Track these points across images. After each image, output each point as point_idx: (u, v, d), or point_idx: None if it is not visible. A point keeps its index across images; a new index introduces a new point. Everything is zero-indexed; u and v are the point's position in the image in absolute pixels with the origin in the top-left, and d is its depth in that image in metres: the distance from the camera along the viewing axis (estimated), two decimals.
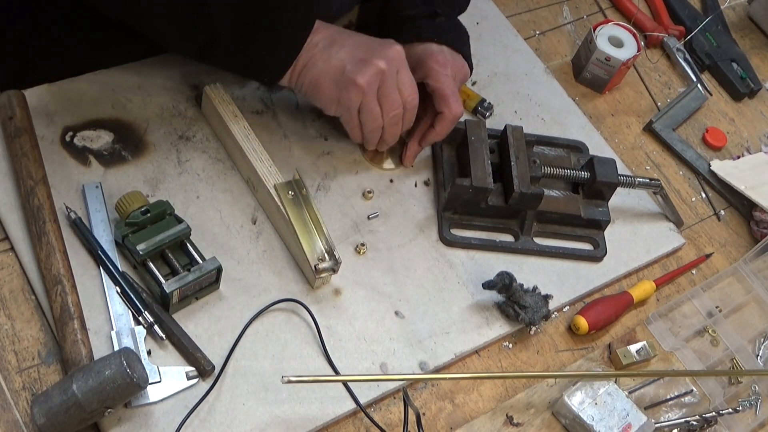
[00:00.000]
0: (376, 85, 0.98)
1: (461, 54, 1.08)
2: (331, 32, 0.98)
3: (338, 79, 0.97)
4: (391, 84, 0.98)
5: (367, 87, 0.97)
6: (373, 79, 0.97)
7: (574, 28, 1.40)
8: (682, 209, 1.20)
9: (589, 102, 1.30)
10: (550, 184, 1.10)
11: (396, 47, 0.99)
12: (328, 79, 0.97)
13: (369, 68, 0.96)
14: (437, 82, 1.05)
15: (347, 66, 0.96)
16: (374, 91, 0.98)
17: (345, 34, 0.99)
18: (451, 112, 1.05)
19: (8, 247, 0.93)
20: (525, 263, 1.07)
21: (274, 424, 0.88)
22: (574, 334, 1.04)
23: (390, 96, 0.99)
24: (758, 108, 1.40)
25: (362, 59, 0.97)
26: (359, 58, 0.97)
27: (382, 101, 0.99)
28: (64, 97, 1.03)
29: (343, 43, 0.98)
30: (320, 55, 0.97)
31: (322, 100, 1.00)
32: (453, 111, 1.05)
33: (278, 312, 0.95)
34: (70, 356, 0.84)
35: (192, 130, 1.06)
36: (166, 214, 0.94)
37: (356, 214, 1.05)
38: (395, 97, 0.99)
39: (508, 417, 0.95)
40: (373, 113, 0.99)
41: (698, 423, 1.00)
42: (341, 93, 0.98)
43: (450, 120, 1.06)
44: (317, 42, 0.97)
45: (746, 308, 1.14)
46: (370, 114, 0.99)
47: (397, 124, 1.02)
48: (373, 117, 1.00)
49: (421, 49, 1.06)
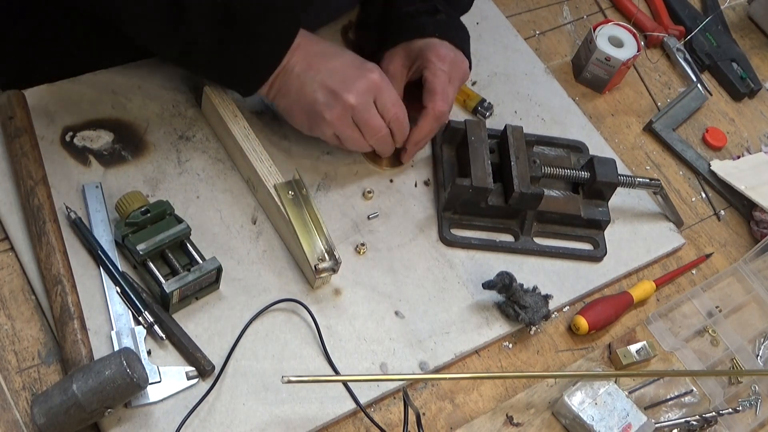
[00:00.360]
0: (348, 118, 0.97)
1: (462, 51, 1.08)
2: (309, 54, 0.97)
3: (309, 111, 0.98)
4: (367, 113, 0.98)
5: (337, 122, 0.97)
6: (343, 113, 0.97)
7: (574, 28, 1.40)
8: (682, 209, 1.20)
9: (589, 102, 1.30)
10: (550, 184, 1.10)
11: (373, 75, 0.98)
12: (299, 109, 0.98)
13: (337, 103, 0.96)
14: (431, 75, 1.04)
15: (318, 98, 0.96)
16: (347, 123, 0.98)
17: (324, 57, 0.98)
18: (434, 108, 1.04)
19: (8, 247, 0.93)
20: (525, 263, 1.07)
21: (274, 424, 0.88)
22: (574, 334, 1.04)
23: (369, 123, 0.98)
24: (758, 108, 1.40)
25: (333, 92, 0.96)
26: (331, 89, 0.96)
27: (361, 128, 0.99)
28: (64, 97, 1.03)
29: (318, 69, 0.96)
30: (294, 81, 0.97)
31: (296, 126, 1.02)
32: (436, 107, 1.04)
33: (278, 312, 0.95)
34: (70, 356, 0.84)
35: (192, 130, 1.06)
36: (166, 214, 0.94)
37: (356, 214, 1.05)
38: (375, 123, 0.99)
39: (508, 417, 0.95)
40: (351, 140, 1.00)
41: (698, 423, 1.00)
42: (312, 124, 0.99)
43: (432, 116, 1.04)
44: (293, 66, 0.96)
45: (746, 308, 1.14)
46: (350, 140, 1.00)
47: (385, 143, 1.02)
48: (353, 142, 1.00)
49: (423, 43, 1.06)
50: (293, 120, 1.01)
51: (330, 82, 0.96)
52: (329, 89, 0.96)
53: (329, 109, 0.96)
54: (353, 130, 0.99)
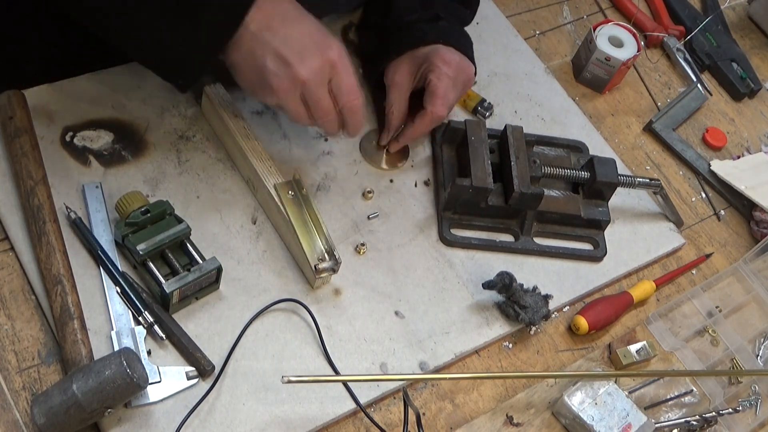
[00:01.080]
0: (296, 92, 0.92)
1: (466, 57, 1.08)
2: (270, 12, 0.90)
3: (256, 75, 0.92)
4: (317, 92, 0.92)
5: (283, 93, 0.91)
6: (291, 86, 0.91)
7: (574, 28, 1.40)
8: (682, 209, 1.20)
9: (589, 102, 1.30)
10: (550, 184, 1.10)
11: (331, 52, 0.92)
12: (248, 69, 0.92)
13: (287, 75, 0.90)
14: (435, 78, 1.04)
15: (267, 64, 0.90)
16: (293, 97, 0.92)
17: (284, 20, 0.91)
18: (433, 112, 1.04)
19: (8, 247, 0.93)
20: (525, 263, 1.07)
21: (274, 424, 0.88)
22: (574, 334, 1.04)
23: (318, 103, 0.93)
24: (758, 108, 1.40)
25: (285, 62, 0.89)
26: (284, 58, 0.89)
27: (310, 106, 0.94)
28: (64, 97, 1.03)
29: (276, 32, 0.90)
30: (248, 38, 0.90)
31: (241, 85, 0.95)
32: (435, 111, 1.04)
33: (278, 312, 0.95)
34: (70, 356, 0.84)
35: (192, 130, 1.06)
36: (166, 214, 0.94)
37: (356, 214, 1.05)
38: (324, 104, 0.93)
39: (508, 417, 0.95)
40: (294, 114, 0.94)
41: (698, 423, 1.00)
42: (257, 88, 0.93)
43: (429, 119, 1.04)
44: (249, 22, 0.89)
45: (746, 308, 1.14)
46: (293, 114, 0.94)
47: (331, 126, 0.97)
48: (296, 116, 0.94)
49: (428, 49, 1.06)
50: (240, 78, 0.94)
51: (284, 50, 0.89)
52: (282, 58, 0.89)
53: (277, 79, 0.90)
54: (298, 105, 0.93)
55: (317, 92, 0.92)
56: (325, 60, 0.91)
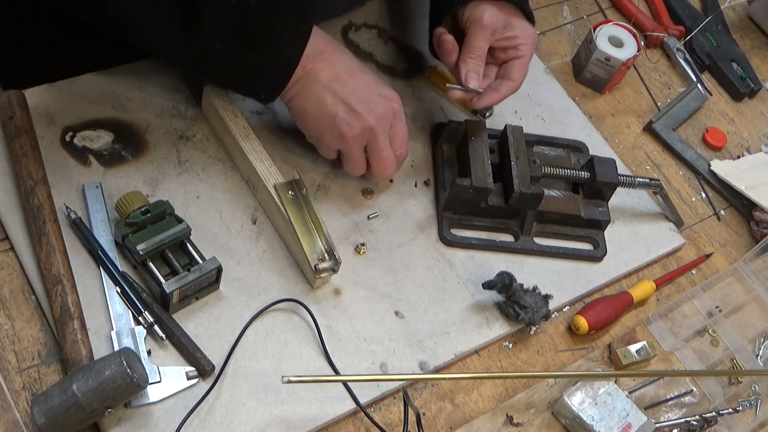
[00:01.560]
0: (363, 141, 0.98)
1: None
2: (335, 64, 0.97)
3: (326, 123, 0.97)
4: (381, 141, 0.98)
5: (352, 141, 0.97)
6: (361, 135, 0.97)
7: (574, 28, 1.40)
8: (682, 209, 1.20)
9: (589, 102, 1.30)
10: (550, 184, 1.10)
11: (393, 103, 0.99)
12: (316, 117, 0.97)
13: (358, 123, 0.96)
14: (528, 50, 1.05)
15: (339, 113, 0.96)
16: (359, 145, 0.98)
17: (349, 72, 0.97)
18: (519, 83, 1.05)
19: (8, 247, 0.93)
20: (525, 263, 1.07)
21: (274, 424, 0.88)
22: (574, 334, 1.04)
23: (382, 151, 0.99)
24: (758, 108, 1.40)
25: (355, 111, 0.96)
26: (353, 108, 0.96)
27: (370, 156, 1.00)
28: (64, 97, 1.03)
29: (344, 83, 0.96)
30: (318, 88, 0.96)
31: (306, 131, 1.01)
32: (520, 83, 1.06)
33: (278, 312, 0.95)
34: (70, 356, 0.84)
35: (192, 130, 1.06)
36: (166, 214, 0.94)
37: (356, 214, 1.05)
38: (385, 155, 0.99)
39: (508, 417, 0.95)
40: (353, 162, 1.00)
41: (698, 423, 1.00)
42: (324, 136, 0.98)
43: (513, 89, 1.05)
44: (318, 72, 0.96)
45: (746, 308, 1.14)
46: (351, 162, 1.00)
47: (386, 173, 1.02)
48: (354, 167, 1.01)
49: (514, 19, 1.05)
50: (304, 125, 1.00)
51: (353, 100, 0.96)
52: (351, 108, 0.96)
53: (349, 127, 0.96)
54: (360, 153, 0.99)
55: (382, 140, 0.98)
56: (390, 108, 0.98)
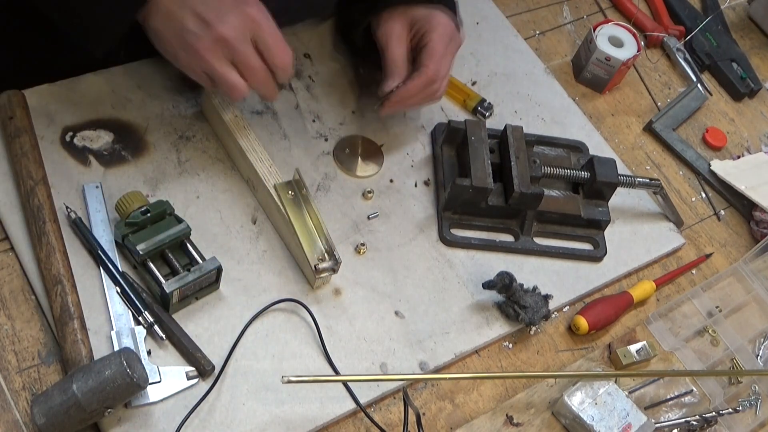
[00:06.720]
0: (220, 52, 0.89)
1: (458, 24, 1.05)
2: None
3: (177, 38, 0.89)
4: (242, 49, 0.89)
5: (206, 55, 0.88)
6: (213, 47, 0.88)
7: (574, 28, 1.40)
8: (682, 209, 1.20)
9: (589, 102, 1.30)
10: (550, 184, 1.10)
11: (250, 9, 0.89)
12: (168, 33, 0.89)
13: (208, 33, 0.87)
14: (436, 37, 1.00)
15: (187, 25, 0.87)
16: (218, 58, 0.89)
17: None
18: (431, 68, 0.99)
19: (8, 247, 0.93)
20: (525, 263, 1.07)
21: (274, 424, 0.88)
22: (574, 334, 1.04)
23: (245, 61, 0.90)
24: (758, 108, 1.40)
25: (204, 20, 0.87)
26: (202, 17, 0.87)
27: (239, 67, 0.90)
28: (64, 97, 1.03)
29: None
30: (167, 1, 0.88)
31: (167, 56, 0.93)
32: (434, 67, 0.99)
33: (278, 312, 0.95)
34: (70, 356, 0.84)
35: (192, 130, 1.06)
36: (166, 214, 0.94)
37: (356, 214, 1.05)
38: (251, 61, 0.90)
39: (508, 417, 0.95)
40: (225, 80, 0.90)
41: (698, 423, 1.00)
42: (179, 54, 0.91)
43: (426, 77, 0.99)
44: None
45: (746, 308, 1.14)
46: (224, 80, 0.91)
47: (266, 86, 0.93)
48: (227, 87, 0.91)
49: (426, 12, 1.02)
50: (163, 46, 0.92)
51: (201, 9, 0.87)
52: (200, 17, 0.87)
53: (198, 40, 0.87)
54: (226, 68, 0.90)
55: (242, 49, 0.89)
56: (245, 15, 0.89)
